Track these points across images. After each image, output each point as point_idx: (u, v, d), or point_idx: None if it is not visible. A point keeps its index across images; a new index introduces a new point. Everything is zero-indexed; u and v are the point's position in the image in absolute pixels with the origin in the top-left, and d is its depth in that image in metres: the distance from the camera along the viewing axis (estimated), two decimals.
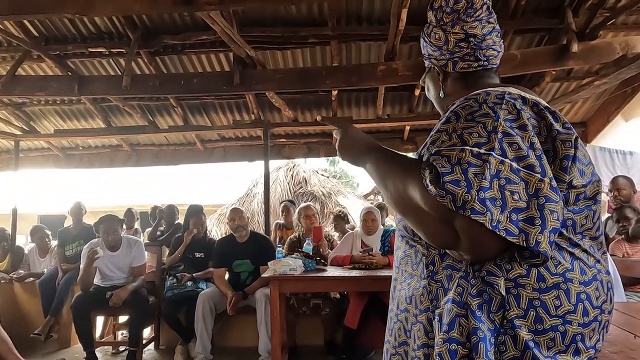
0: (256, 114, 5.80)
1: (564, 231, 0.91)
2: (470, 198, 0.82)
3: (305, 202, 6.85)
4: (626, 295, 2.71)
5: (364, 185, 19.31)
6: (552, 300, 0.87)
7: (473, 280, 0.91)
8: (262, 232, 7.51)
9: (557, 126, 0.91)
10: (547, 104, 0.96)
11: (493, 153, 0.85)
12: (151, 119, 6.02)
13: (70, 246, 5.02)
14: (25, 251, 5.58)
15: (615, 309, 1.75)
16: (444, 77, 1.16)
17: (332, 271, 3.54)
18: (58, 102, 5.88)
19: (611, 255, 2.69)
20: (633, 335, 1.33)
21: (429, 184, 0.87)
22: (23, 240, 11.12)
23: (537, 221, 0.82)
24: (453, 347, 0.89)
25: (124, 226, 4.98)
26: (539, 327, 0.87)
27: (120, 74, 4.80)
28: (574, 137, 0.91)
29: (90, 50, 4.71)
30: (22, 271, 5.17)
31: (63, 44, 4.63)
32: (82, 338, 3.84)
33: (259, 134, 6.41)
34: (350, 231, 4.38)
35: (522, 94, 0.96)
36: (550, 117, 0.92)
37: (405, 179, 0.95)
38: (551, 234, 0.83)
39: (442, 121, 0.96)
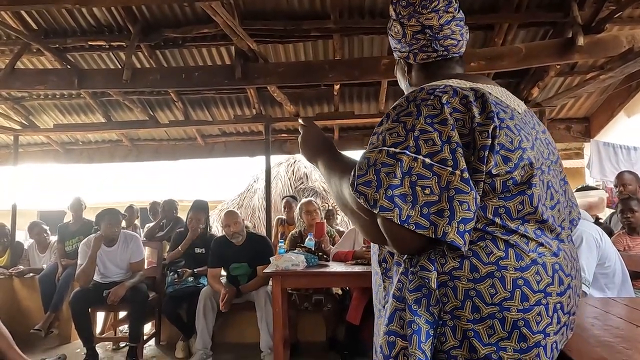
0: (257, 109, 5.76)
1: (497, 219, 0.93)
2: (378, 196, 0.88)
3: (306, 197, 6.81)
4: (635, 290, 2.68)
5: None
6: (487, 289, 0.89)
7: (410, 276, 0.94)
8: (263, 228, 7.51)
9: (478, 118, 0.93)
10: (485, 92, 0.97)
11: (407, 151, 0.90)
12: (151, 113, 5.98)
13: (70, 242, 4.98)
14: (25, 247, 5.55)
15: (625, 304, 1.72)
16: (408, 69, 1.20)
17: (334, 267, 3.50)
18: (58, 96, 5.83)
19: None
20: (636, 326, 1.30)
21: (350, 186, 0.94)
22: (22, 237, 11.10)
23: (446, 213, 0.87)
24: (392, 339, 0.93)
25: (124, 222, 4.95)
26: (476, 316, 0.89)
27: (120, 67, 4.76)
28: (491, 127, 0.92)
29: (90, 43, 4.67)
30: (21, 267, 5.13)
31: (62, 37, 4.59)
32: (81, 334, 3.81)
33: (260, 129, 6.37)
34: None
35: (460, 85, 0.99)
36: (475, 109, 0.94)
37: (342, 180, 1.04)
38: (460, 224, 0.86)
39: (378, 123, 1.01)
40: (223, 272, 4.23)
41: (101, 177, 15.06)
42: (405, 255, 0.96)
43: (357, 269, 3.36)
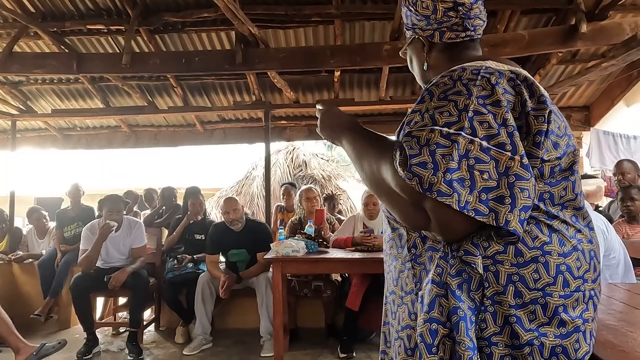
0: (257, 95, 5.72)
1: (541, 204, 0.91)
2: (436, 180, 0.83)
3: (305, 185, 6.81)
4: (637, 278, 2.69)
5: None
6: (531, 274, 0.88)
7: (452, 260, 0.91)
8: (262, 215, 7.51)
9: (530, 102, 0.90)
10: (527, 75, 0.94)
11: (462, 132, 0.85)
12: (150, 99, 5.94)
13: (68, 227, 4.97)
14: (24, 232, 5.54)
15: (627, 289, 1.73)
16: (429, 49, 1.12)
17: (334, 253, 3.51)
18: (55, 81, 5.78)
19: None
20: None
21: (399, 166, 0.88)
22: (20, 223, 11.08)
23: (507, 200, 0.83)
24: (434, 327, 0.89)
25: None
26: (518, 301, 0.87)
27: (119, 52, 4.71)
28: (547, 111, 0.90)
29: (88, 27, 4.61)
30: (20, 252, 5.12)
31: (61, 21, 4.54)
32: (81, 319, 3.81)
33: (259, 116, 6.34)
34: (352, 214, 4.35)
35: (500, 67, 0.94)
36: (525, 93, 0.91)
37: (379, 160, 0.97)
38: (522, 212, 0.84)
39: (417, 100, 0.96)
40: (222, 259, 4.24)
41: (99, 162, 15.00)
42: (449, 242, 0.93)
43: (357, 255, 3.37)
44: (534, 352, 0.86)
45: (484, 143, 0.85)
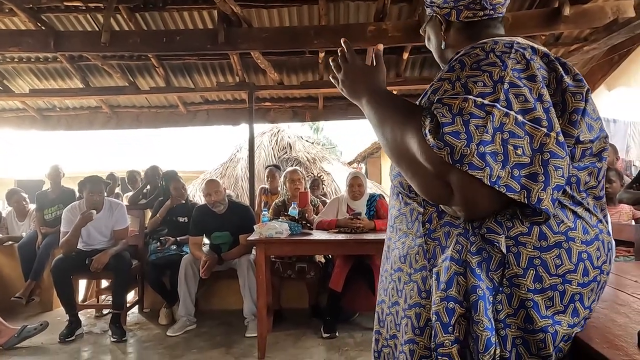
0: (241, 76, 5.65)
1: (568, 189, 0.88)
2: (469, 152, 0.78)
3: (291, 167, 6.79)
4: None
5: (348, 153, 19.29)
6: (553, 259, 0.85)
7: (472, 238, 0.88)
8: (246, 197, 7.48)
9: (567, 79, 0.87)
10: (557, 56, 0.91)
11: (497, 104, 0.80)
12: (131, 79, 5.82)
13: (49, 210, 4.90)
14: (3, 215, 5.44)
15: None
16: (446, 27, 1.08)
17: (317, 235, 3.53)
18: (33, 59, 5.61)
19: None
20: (622, 292, 1.33)
21: (428, 134, 0.82)
22: (0, 205, 10.89)
23: (540, 177, 0.79)
24: (451, 305, 0.86)
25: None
26: (537, 286, 0.85)
27: (98, 30, 4.59)
28: (585, 89, 0.87)
29: (66, 4, 4.47)
30: (0, 235, 5.05)
31: None
32: (63, 301, 3.79)
33: (243, 97, 6.27)
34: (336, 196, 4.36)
35: (532, 43, 0.91)
36: (560, 69, 0.87)
37: (405, 125, 0.90)
38: (554, 191, 0.80)
39: (445, 69, 0.91)
40: (206, 241, 4.24)
41: (81, 144, 14.76)
42: (471, 219, 0.88)
43: (340, 237, 3.39)
44: (547, 339, 0.84)
45: (519, 117, 0.81)
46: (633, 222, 3.57)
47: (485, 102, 0.81)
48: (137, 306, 4.50)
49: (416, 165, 0.87)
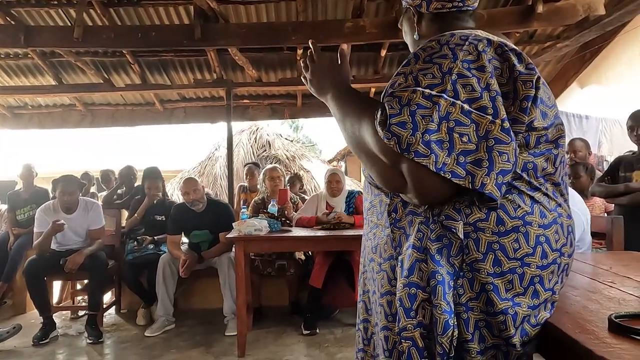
0: (218, 73, 5.60)
1: (524, 175, 0.91)
2: (414, 140, 0.83)
3: (270, 164, 6.77)
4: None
5: (327, 151, 19.32)
6: (511, 243, 0.88)
7: (432, 225, 0.91)
8: (225, 196, 7.43)
9: (519, 67, 0.90)
10: (515, 47, 0.94)
11: (444, 95, 0.85)
12: (106, 76, 5.71)
13: (21, 210, 4.77)
14: None
15: (575, 259, 1.81)
16: (418, 19, 1.12)
17: (297, 232, 3.52)
18: (3, 56, 5.46)
19: None
20: (594, 280, 1.37)
21: (378, 126, 0.87)
22: None
23: (485, 163, 0.83)
24: (413, 291, 0.90)
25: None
26: (497, 269, 0.87)
27: (71, 25, 4.48)
28: (535, 77, 0.90)
29: None
30: None
31: None
32: (37, 304, 3.69)
33: (221, 94, 6.22)
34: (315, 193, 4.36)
35: (489, 36, 0.94)
36: (514, 59, 0.90)
37: (361, 119, 0.96)
38: (499, 176, 0.84)
39: (403, 63, 0.95)
40: (185, 239, 4.19)
41: (54, 143, 14.43)
42: (425, 205, 0.92)
43: (319, 233, 3.39)
44: (507, 320, 0.87)
45: (466, 106, 0.85)
46: (605, 215, 3.67)
47: (433, 92, 0.85)
48: (114, 307, 4.42)
49: (373, 157, 0.94)
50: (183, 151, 13.69)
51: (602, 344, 0.81)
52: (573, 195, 2.45)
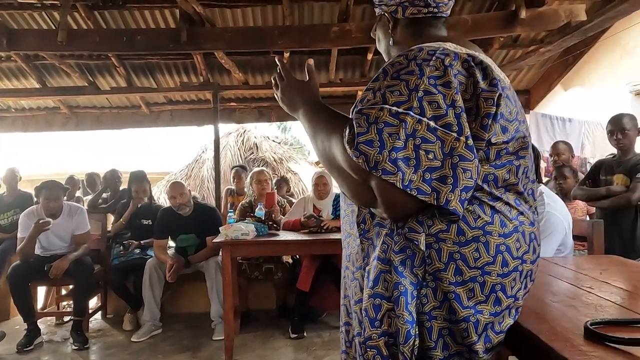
0: (205, 76, 5.58)
1: (485, 186, 0.93)
2: (382, 158, 0.84)
3: (258, 167, 6.76)
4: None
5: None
6: (472, 252, 0.90)
7: (396, 237, 0.93)
8: (212, 199, 7.40)
9: (482, 84, 0.92)
10: (483, 59, 0.95)
11: (411, 112, 0.86)
12: (91, 79, 5.66)
13: (5, 215, 4.70)
14: None
15: (555, 263, 1.84)
16: (393, 25, 1.14)
17: (284, 235, 3.53)
18: None
19: None
20: (574, 285, 1.40)
21: (347, 144, 0.89)
22: None
23: (449, 180, 0.85)
24: (377, 301, 0.92)
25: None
26: (458, 278, 0.90)
27: (55, 28, 4.44)
28: (496, 94, 0.92)
29: (19, 1, 4.31)
30: None
31: None
32: (20, 309, 3.65)
33: (208, 97, 6.19)
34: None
35: (457, 50, 0.95)
36: (478, 75, 0.92)
37: (331, 136, 0.99)
38: (463, 192, 0.86)
39: (372, 78, 0.97)
40: (171, 244, 4.17)
41: (39, 146, 14.23)
42: (395, 219, 0.94)
43: (306, 237, 3.40)
44: (469, 328, 0.89)
45: (432, 123, 0.86)
46: (587, 218, 3.73)
47: (400, 110, 0.87)
48: (100, 312, 4.38)
49: (344, 173, 0.96)
50: (170, 153, 13.60)
51: (577, 351, 0.84)
52: (556, 201, 2.49)
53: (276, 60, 1.25)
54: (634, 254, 2.84)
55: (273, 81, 1.24)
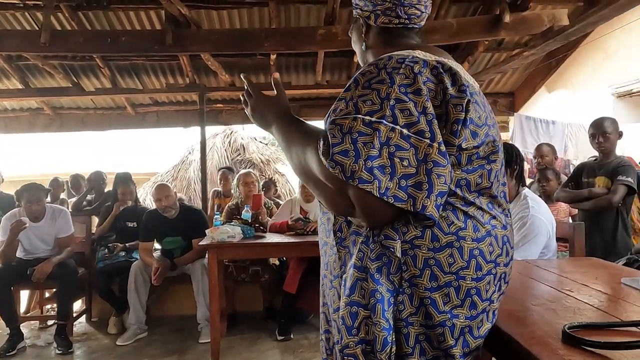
0: (191, 77, 5.56)
1: (458, 191, 0.95)
2: (357, 168, 0.85)
3: (244, 169, 6.74)
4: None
5: None
6: (446, 258, 0.91)
7: (372, 245, 0.94)
8: (198, 200, 7.36)
9: (451, 90, 0.93)
10: (452, 66, 0.97)
11: (384, 121, 0.88)
12: (75, 80, 5.59)
13: None
14: None
15: (535, 265, 1.87)
16: (366, 30, 1.15)
17: (271, 238, 3.53)
18: None
19: None
20: (554, 289, 1.42)
21: (322, 155, 0.90)
22: None
23: (425, 186, 0.87)
24: (354, 309, 0.93)
25: (49, 196, 4.68)
26: (434, 284, 0.91)
27: (38, 29, 4.38)
28: (465, 100, 0.93)
29: (1, 1, 4.24)
30: None
31: None
32: (3, 314, 3.60)
33: (194, 99, 6.17)
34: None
35: (427, 57, 0.97)
36: (447, 81, 0.93)
37: (305, 148, 0.99)
38: (438, 198, 0.88)
39: (344, 88, 0.98)
40: (157, 246, 4.14)
41: (21, 147, 14.01)
42: (374, 228, 0.95)
43: (293, 239, 3.41)
44: (445, 332, 0.91)
45: (405, 131, 0.87)
46: (570, 219, 3.79)
47: (373, 119, 0.88)
48: (84, 316, 4.33)
49: (321, 184, 0.97)
50: (156, 154, 13.50)
51: (555, 355, 0.86)
52: (540, 204, 2.52)
53: (242, 77, 1.25)
54: (615, 256, 2.89)
55: (242, 99, 1.25)
